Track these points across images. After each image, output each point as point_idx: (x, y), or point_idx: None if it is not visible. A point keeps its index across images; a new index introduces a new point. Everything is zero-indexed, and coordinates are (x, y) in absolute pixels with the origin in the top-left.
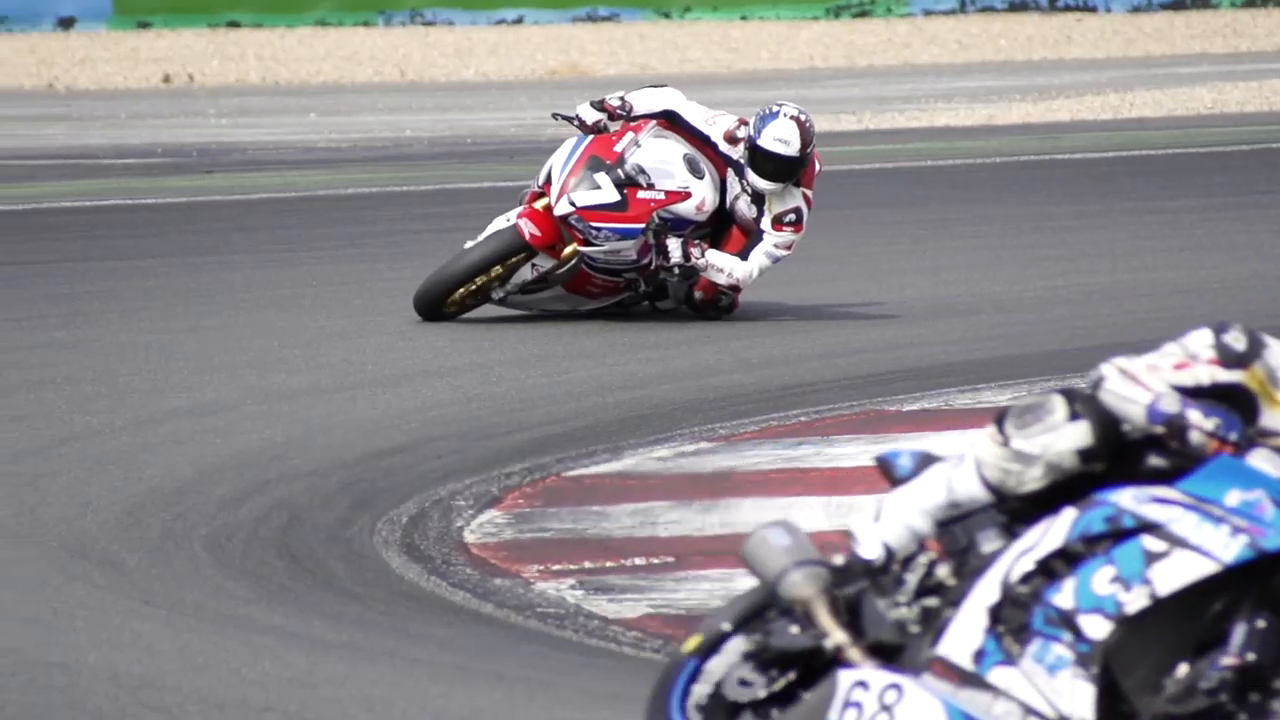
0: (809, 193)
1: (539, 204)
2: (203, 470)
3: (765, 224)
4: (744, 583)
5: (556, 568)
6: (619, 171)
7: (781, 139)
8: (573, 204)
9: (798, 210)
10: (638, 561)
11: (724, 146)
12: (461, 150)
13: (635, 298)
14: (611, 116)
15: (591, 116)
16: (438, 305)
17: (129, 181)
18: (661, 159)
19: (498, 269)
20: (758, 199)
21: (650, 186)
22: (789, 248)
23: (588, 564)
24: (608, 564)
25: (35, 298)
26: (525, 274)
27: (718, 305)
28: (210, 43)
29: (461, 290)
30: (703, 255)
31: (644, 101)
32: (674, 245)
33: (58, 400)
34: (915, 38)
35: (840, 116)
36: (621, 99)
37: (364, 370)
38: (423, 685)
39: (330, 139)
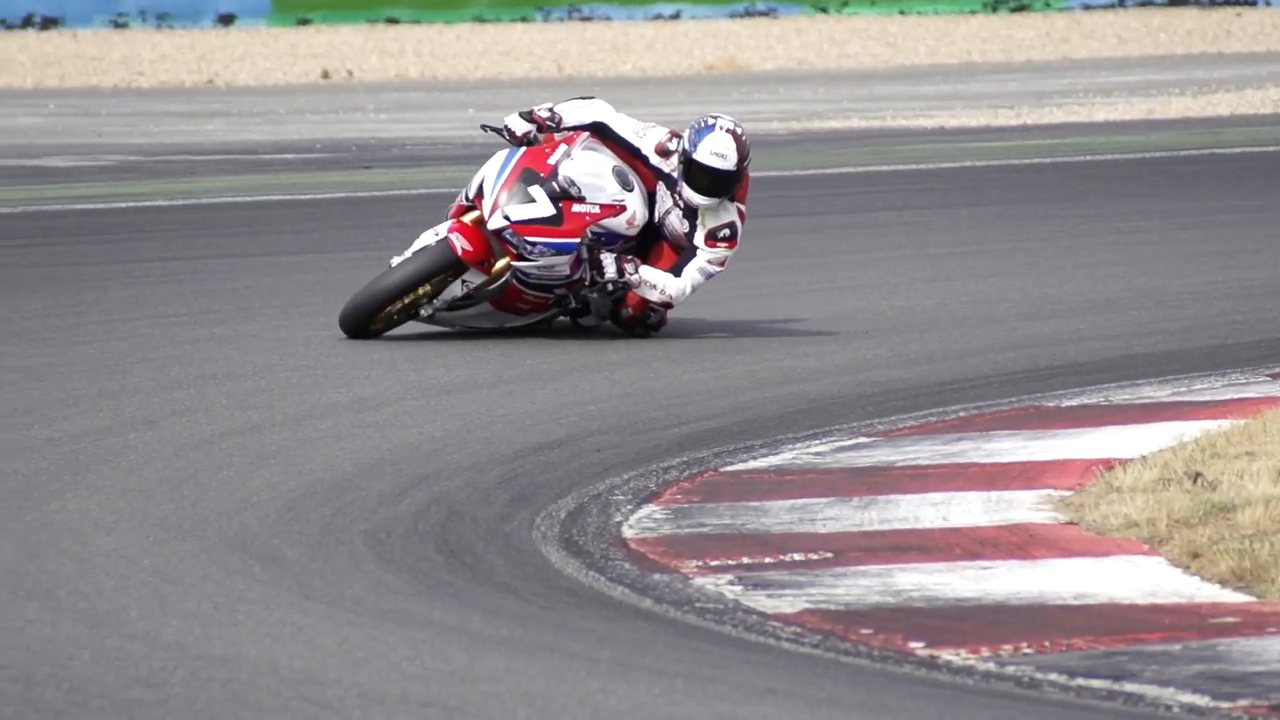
0: (743, 207)
1: (468, 218)
2: (362, 465)
3: (699, 239)
4: (904, 578)
5: (715, 563)
6: (553, 184)
7: (718, 153)
8: (507, 218)
9: (732, 225)
10: (796, 557)
11: (655, 160)
12: None
13: (563, 313)
14: (541, 128)
15: (520, 128)
16: (365, 323)
17: (288, 177)
18: (591, 171)
19: (427, 286)
20: (690, 214)
21: (582, 200)
22: (723, 264)
23: (746, 559)
24: (766, 559)
25: (196, 293)
26: (455, 290)
27: (645, 322)
28: (369, 39)
29: (389, 308)
30: (636, 271)
31: (573, 113)
32: (608, 260)
33: (218, 395)
34: (1073, 32)
35: (999, 112)
36: (550, 110)
37: (522, 365)
38: (581, 680)
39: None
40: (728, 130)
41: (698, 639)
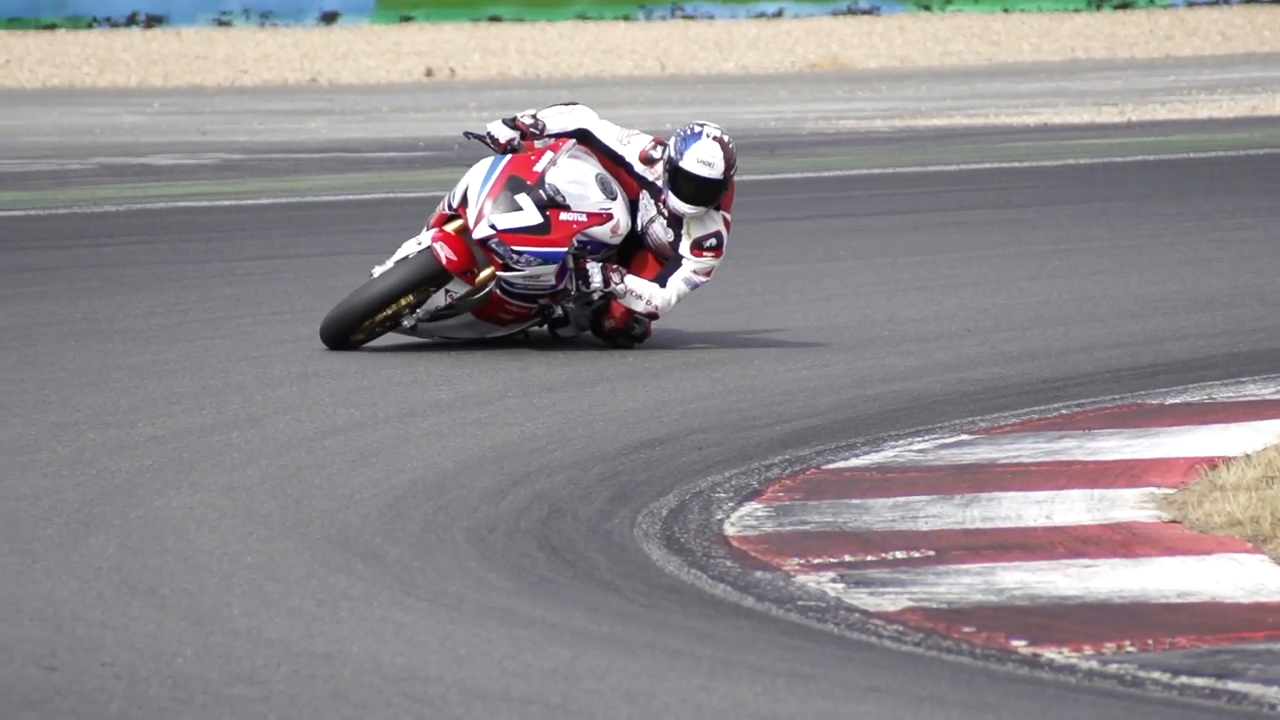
0: (728, 216)
1: (450, 226)
2: (464, 463)
3: (684, 249)
4: (1006, 576)
5: (817, 561)
6: (540, 192)
7: (705, 161)
8: (493, 227)
9: (718, 235)
10: (898, 555)
11: (639, 167)
12: None
13: (543, 323)
14: (524, 135)
15: (504, 135)
16: (346, 335)
17: (391, 175)
18: (575, 179)
19: (410, 296)
20: (675, 223)
21: (569, 208)
22: (708, 274)
23: (848, 557)
24: (868, 557)
25: (299, 291)
26: (438, 300)
27: (630, 334)
28: (471, 37)
29: (371, 319)
30: (621, 281)
31: (557, 120)
32: (594, 270)
33: (321, 393)
34: (1177, 29)
35: (1102, 109)
36: (534, 117)
37: (624, 362)
38: (683, 678)
39: None
40: (715, 138)
41: (799, 637)
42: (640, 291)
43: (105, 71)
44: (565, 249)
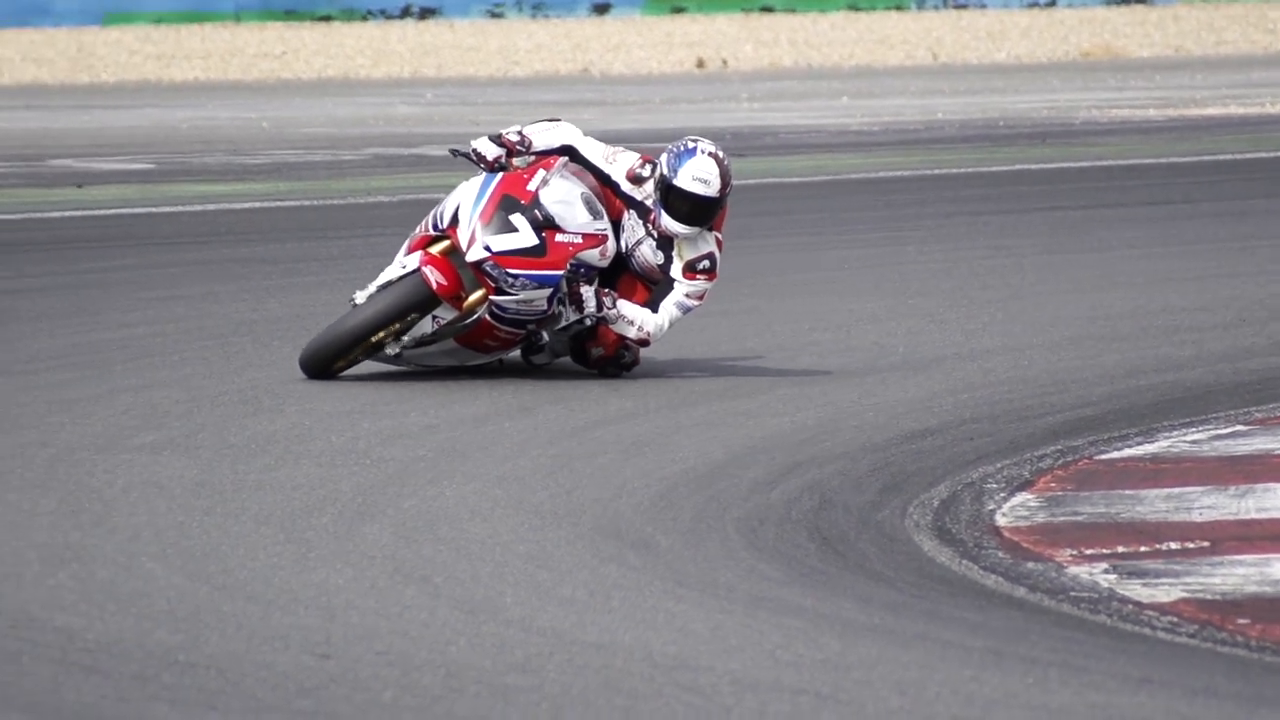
0: (720, 236)
1: (436, 248)
2: (734, 453)
3: (676, 272)
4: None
5: (1089, 552)
6: (535, 213)
7: (701, 178)
8: (488, 249)
9: (711, 256)
10: (1172, 546)
11: (626, 186)
12: (993, 133)
13: (521, 349)
14: (511, 153)
15: (492, 152)
16: (329, 365)
17: None
18: (561, 199)
19: (398, 323)
20: (665, 244)
21: (562, 229)
22: (701, 297)
23: (1121, 548)
24: (1141, 548)
25: None
26: (425, 327)
27: (619, 362)
28: (743, 28)
29: (357, 348)
30: (614, 305)
31: (542, 137)
32: (589, 294)
33: (594, 383)
34: None
35: None
36: (520, 133)
37: (895, 353)
38: (954, 669)
39: (862, 122)
40: (710, 154)
41: (1072, 628)
42: (633, 317)
43: (379, 63)
44: (561, 272)
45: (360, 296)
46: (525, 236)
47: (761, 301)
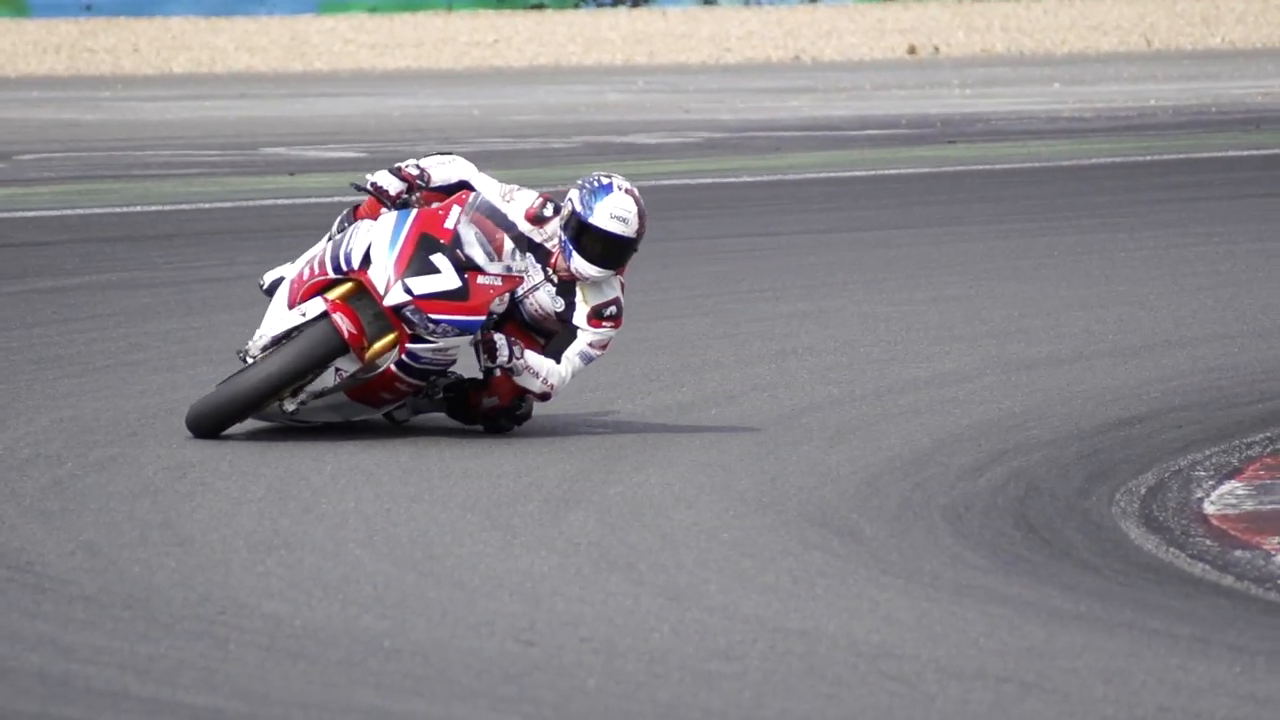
0: (623, 280)
1: (335, 293)
2: (940, 440)
3: (579, 319)
4: None
5: None
6: (457, 252)
7: (619, 216)
8: (409, 291)
9: (618, 302)
10: None
11: (524, 227)
12: (1206, 119)
13: (416, 404)
14: (411, 187)
15: (394, 186)
16: (224, 426)
17: (872, 152)
18: (467, 239)
19: (308, 376)
20: (565, 289)
21: (482, 270)
22: (604, 347)
23: None
24: None
25: (779, 269)
26: (328, 380)
27: (513, 413)
28: (955, 15)
29: (260, 407)
30: (521, 355)
31: (440, 170)
32: (501, 342)
33: (800, 370)
34: None
35: None
36: (418, 167)
37: (1104, 340)
38: (1160, 657)
39: (1074, 109)
40: (626, 190)
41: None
42: (538, 369)
43: (591, 50)
44: (483, 318)
45: (253, 348)
46: (448, 278)
47: (971, 289)
